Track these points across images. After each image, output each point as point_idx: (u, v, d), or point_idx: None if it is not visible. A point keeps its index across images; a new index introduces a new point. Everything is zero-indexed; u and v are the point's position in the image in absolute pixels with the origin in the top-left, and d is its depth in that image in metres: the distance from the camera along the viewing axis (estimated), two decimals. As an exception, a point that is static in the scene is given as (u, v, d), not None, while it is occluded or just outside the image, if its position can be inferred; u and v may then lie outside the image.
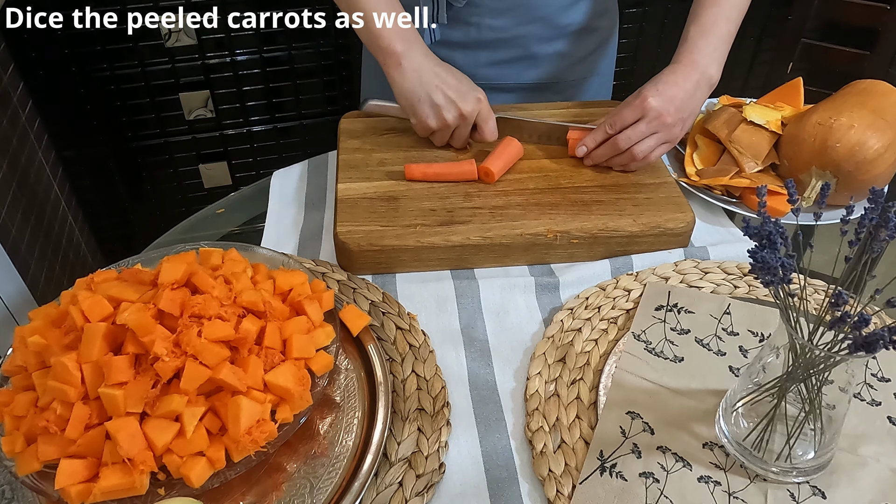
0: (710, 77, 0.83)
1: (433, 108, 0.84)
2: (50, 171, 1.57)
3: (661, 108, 0.80)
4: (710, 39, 0.84)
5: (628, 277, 0.78)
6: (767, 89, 1.01)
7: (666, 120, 0.81)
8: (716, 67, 0.84)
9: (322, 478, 0.58)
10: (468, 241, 0.78)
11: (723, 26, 0.84)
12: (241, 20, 1.56)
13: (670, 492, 0.57)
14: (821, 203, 0.54)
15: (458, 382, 0.68)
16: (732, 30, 0.86)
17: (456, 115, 0.84)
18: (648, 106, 0.80)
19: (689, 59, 0.83)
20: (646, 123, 0.81)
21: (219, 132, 1.78)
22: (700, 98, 0.84)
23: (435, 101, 0.83)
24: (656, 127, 0.81)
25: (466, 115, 0.83)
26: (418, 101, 0.84)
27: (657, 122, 0.81)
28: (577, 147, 0.86)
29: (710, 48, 0.84)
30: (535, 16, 0.98)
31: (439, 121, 0.84)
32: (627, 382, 0.66)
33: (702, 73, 0.83)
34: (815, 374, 0.53)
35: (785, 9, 1.86)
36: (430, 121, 0.85)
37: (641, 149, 0.82)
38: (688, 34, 0.85)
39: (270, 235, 0.86)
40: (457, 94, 0.83)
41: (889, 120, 0.82)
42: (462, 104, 0.83)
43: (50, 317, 0.59)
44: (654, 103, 0.80)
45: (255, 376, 0.57)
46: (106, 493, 0.52)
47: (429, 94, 0.83)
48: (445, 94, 0.83)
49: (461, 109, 0.83)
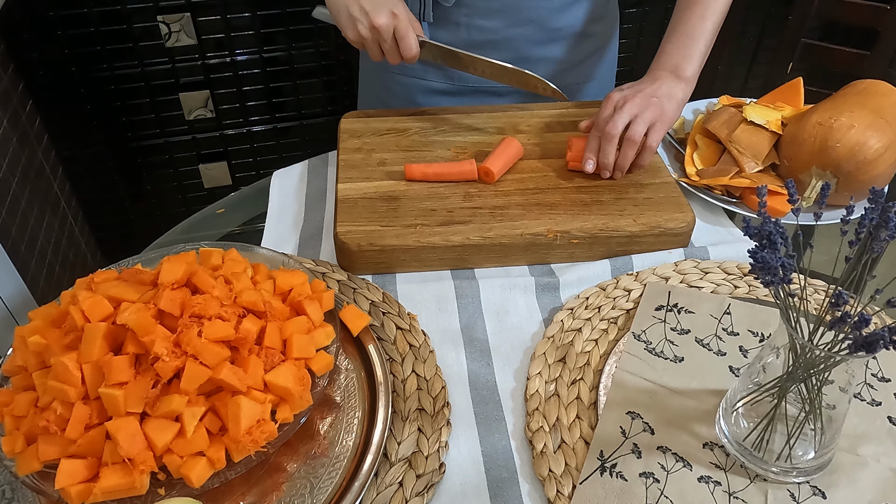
0: (682, 73, 0.86)
1: (350, 20, 0.85)
2: (50, 171, 1.57)
3: (627, 94, 0.84)
4: (682, 40, 0.87)
5: (628, 277, 0.78)
6: (767, 89, 1.01)
7: (635, 100, 0.82)
8: (688, 64, 0.86)
9: (322, 478, 0.58)
10: (468, 241, 0.78)
11: (696, 27, 0.87)
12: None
13: (670, 492, 0.57)
14: (821, 203, 0.54)
15: (458, 382, 0.68)
16: (709, 28, 0.88)
17: (368, 26, 0.84)
18: (613, 96, 0.84)
19: (658, 66, 0.88)
20: (625, 111, 0.82)
21: (219, 132, 1.78)
22: (668, 85, 0.85)
23: (351, 12, 0.84)
24: (631, 109, 0.82)
25: (379, 27, 0.83)
26: (338, 14, 0.86)
27: (631, 104, 0.82)
28: (583, 164, 0.85)
29: (683, 50, 0.87)
30: (527, 18, 0.97)
31: (355, 33, 0.85)
32: (627, 382, 0.66)
33: (671, 71, 0.86)
34: (815, 374, 0.53)
35: (785, 9, 1.86)
36: (349, 33, 0.86)
37: (636, 130, 0.82)
38: (662, 42, 0.89)
39: (270, 235, 0.87)
40: (371, 6, 0.83)
41: (889, 120, 0.82)
42: (374, 17, 0.83)
43: (50, 317, 0.59)
44: (616, 95, 0.84)
45: (256, 376, 0.57)
46: (106, 493, 0.52)
47: (346, 6, 0.84)
48: (361, 6, 0.83)
49: (372, 21, 0.83)
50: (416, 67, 1.05)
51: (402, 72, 1.06)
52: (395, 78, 1.07)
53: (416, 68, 1.05)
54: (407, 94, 1.08)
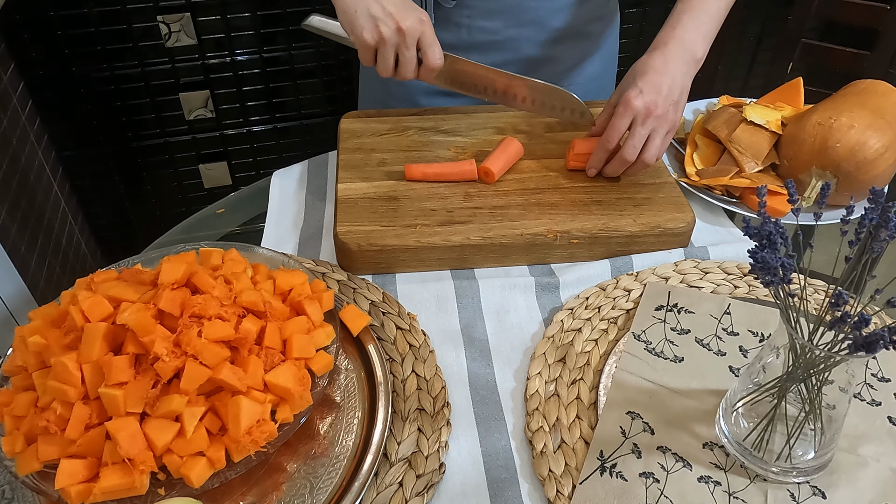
0: (694, 53, 0.81)
1: (370, 20, 0.76)
2: (50, 171, 1.57)
3: (649, 103, 0.78)
4: (697, 14, 0.81)
5: (628, 277, 0.78)
6: (767, 89, 1.01)
7: (657, 112, 0.78)
8: (701, 42, 0.81)
9: (322, 478, 0.58)
10: (468, 241, 0.78)
11: (711, 3, 0.82)
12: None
13: (670, 492, 0.57)
14: (821, 203, 0.54)
15: (458, 382, 0.68)
16: (723, 7, 0.83)
17: (394, 28, 0.76)
18: (634, 107, 0.78)
19: (672, 36, 0.81)
20: (640, 125, 0.79)
21: (219, 132, 1.78)
22: (686, 76, 0.81)
23: (372, 12, 0.76)
24: (652, 123, 0.79)
25: (405, 30, 0.76)
26: (355, 13, 0.76)
27: (650, 119, 0.78)
28: (587, 169, 0.85)
29: (696, 22, 0.81)
30: (528, 18, 0.97)
31: (375, 34, 0.76)
32: (627, 382, 0.66)
33: (685, 48, 0.80)
34: (815, 374, 0.53)
35: (785, 9, 1.86)
36: (366, 34, 0.76)
37: (651, 153, 0.80)
38: (674, 11, 0.83)
39: (270, 235, 0.86)
40: (396, 8, 0.76)
41: (889, 120, 0.82)
42: (401, 18, 0.75)
43: (50, 317, 0.59)
44: (639, 104, 0.78)
45: (255, 376, 0.57)
46: (106, 493, 0.52)
47: (367, 5, 0.76)
48: (383, 7, 0.76)
49: (399, 23, 0.75)
50: None
51: None
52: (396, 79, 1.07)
53: None
54: (407, 95, 1.08)
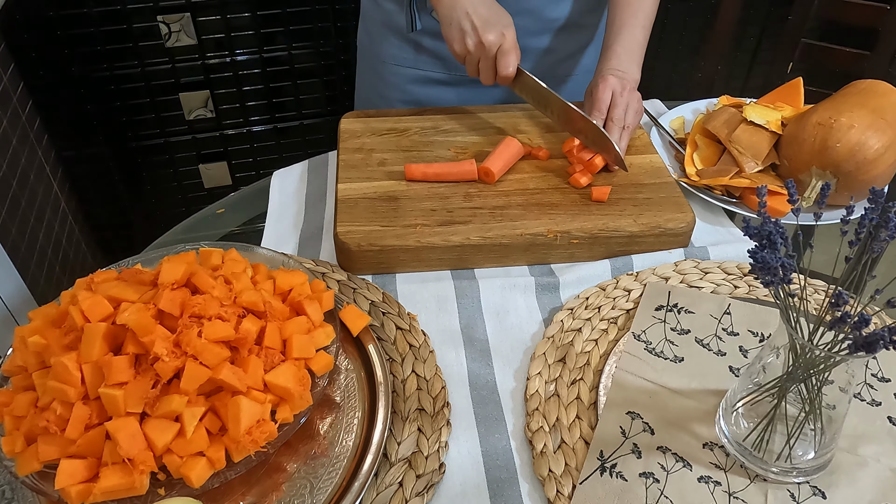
0: (629, 70, 0.92)
1: (459, 33, 0.86)
2: (50, 171, 1.57)
3: (621, 80, 0.89)
4: (629, 45, 0.93)
5: (628, 277, 0.78)
6: (767, 89, 1.01)
7: (629, 87, 0.89)
8: (636, 70, 0.93)
9: (322, 478, 0.58)
10: (468, 241, 0.78)
11: (639, 35, 0.94)
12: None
13: (670, 492, 0.57)
14: (821, 203, 0.54)
15: (458, 382, 0.68)
16: (647, 33, 0.95)
17: (476, 42, 0.85)
18: (611, 83, 0.88)
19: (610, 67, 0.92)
20: (620, 95, 0.88)
21: (219, 132, 1.78)
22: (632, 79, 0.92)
23: (462, 26, 0.86)
24: (627, 95, 0.88)
25: (486, 44, 0.85)
26: (448, 26, 0.88)
27: (626, 91, 0.88)
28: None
29: (628, 55, 0.93)
30: (522, 8, 0.98)
31: (462, 46, 0.87)
32: (627, 382, 0.66)
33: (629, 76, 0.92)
34: (815, 374, 0.53)
35: (785, 9, 1.86)
36: (456, 45, 0.87)
37: (633, 117, 0.88)
38: (606, 43, 0.94)
39: (270, 235, 0.87)
40: (482, 23, 0.85)
41: (889, 120, 0.82)
42: (483, 33, 0.85)
43: (50, 317, 0.59)
44: (613, 80, 0.89)
45: (255, 376, 0.57)
46: (106, 493, 0.52)
47: (458, 19, 0.86)
48: (472, 22, 0.85)
49: (480, 38, 0.85)
50: (410, 57, 1.06)
51: (398, 62, 1.07)
52: (391, 69, 1.08)
53: (409, 58, 1.06)
54: (403, 85, 1.08)
